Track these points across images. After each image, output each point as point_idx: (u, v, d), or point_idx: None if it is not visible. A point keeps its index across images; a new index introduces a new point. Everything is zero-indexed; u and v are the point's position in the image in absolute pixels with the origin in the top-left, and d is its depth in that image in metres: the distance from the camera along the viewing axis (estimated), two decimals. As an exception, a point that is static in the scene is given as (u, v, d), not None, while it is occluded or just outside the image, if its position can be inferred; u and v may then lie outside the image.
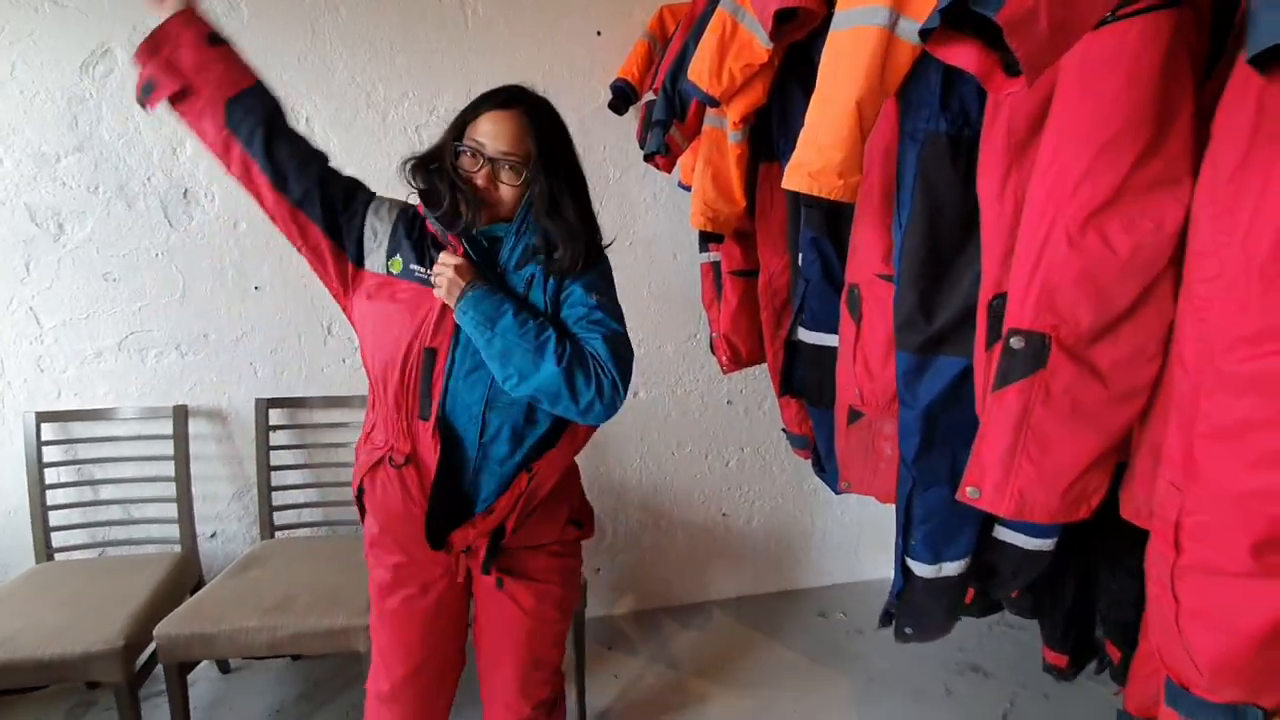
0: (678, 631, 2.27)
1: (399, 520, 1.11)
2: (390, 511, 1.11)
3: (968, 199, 0.97)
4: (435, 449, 1.05)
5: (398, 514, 1.11)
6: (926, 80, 0.93)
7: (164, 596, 1.68)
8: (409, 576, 1.14)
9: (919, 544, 1.10)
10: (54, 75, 1.71)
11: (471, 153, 1.02)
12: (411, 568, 1.14)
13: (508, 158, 1.02)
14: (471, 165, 1.02)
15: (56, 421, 1.83)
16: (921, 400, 1.02)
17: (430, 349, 1.04)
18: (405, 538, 1.12)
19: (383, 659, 1.19)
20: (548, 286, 1.07)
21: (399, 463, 1.08)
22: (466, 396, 1.06)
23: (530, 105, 1.04)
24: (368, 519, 1.18)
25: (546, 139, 1.03)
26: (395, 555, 1.14)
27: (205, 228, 1.84)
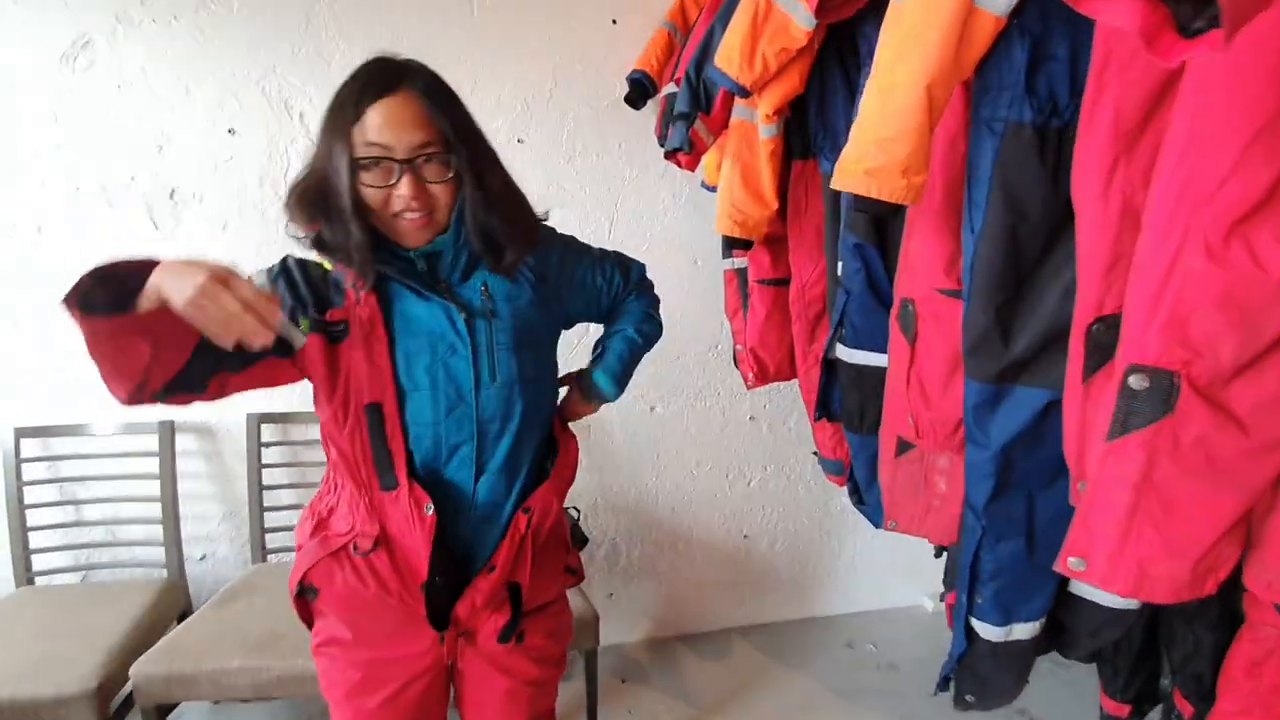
0: (695, 662, 2.12)
1: (371, 614, 0.93)
2: (359, 607, 0.92)
3: (1055, 200, 0.82)
4: (417, 519, 0.88)
5: (369, 608, 0.92)
6: (1009, 59, 0.78)
7: (147, 627, 1.56)
8: (389, 674, 0.94)
9: (987, 603, 0.95)
10: (30, 67, 1.59)
11: (378, 164, 0.79)
12: (391, 665, 0.94)
13: (425, 150, 0.80)
14: (385, 180, 0.80)
15: (37, 437, 1.71)
16: (996, 439, 0.87)
17: (371, 405, 0.87)
18: (380, 633, 0.93)
19: None
20: (515, 294, 0.92)
21: (365, 549, 0.90)
22: (454, 438, 0.90)
23: (416, 76, 0.81)
24: (319, 622, 0.97)
25: (454, 111, 0.83)
26: (368, 652, 0.94)
27: (192, 230, 1.72)
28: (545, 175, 1.87)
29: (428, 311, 0.88)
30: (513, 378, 0.91)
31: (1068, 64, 0.79)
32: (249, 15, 1.66)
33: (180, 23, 1.64)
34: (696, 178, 1.89)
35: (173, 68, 1.65)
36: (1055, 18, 0.78)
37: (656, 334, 1.12)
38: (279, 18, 1.67)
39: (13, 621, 1.55)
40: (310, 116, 1.73)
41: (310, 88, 1.72)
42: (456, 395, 0.89)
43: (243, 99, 1.69)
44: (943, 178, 0.93)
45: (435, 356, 0.88)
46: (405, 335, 0.89)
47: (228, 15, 1.65)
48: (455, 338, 0.89)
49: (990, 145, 0.81)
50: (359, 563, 0.91)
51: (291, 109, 1.72)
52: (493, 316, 0.90)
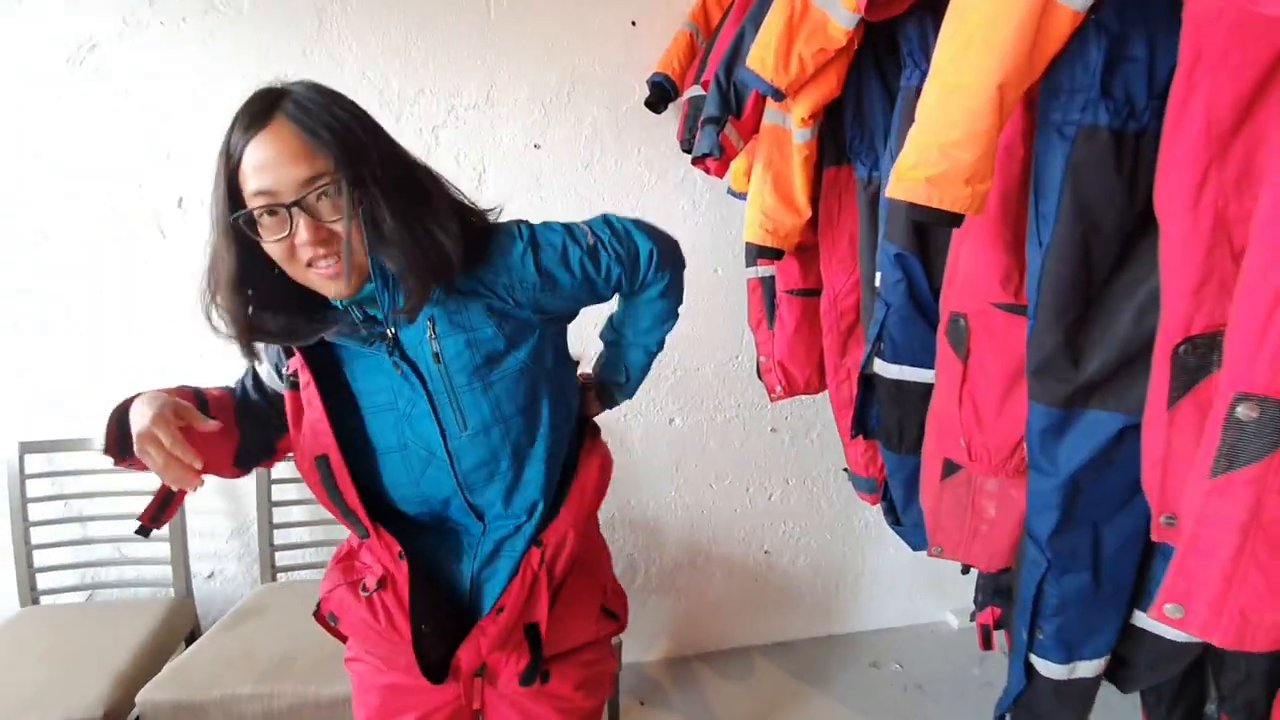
0: (716, 682, 2.06)
1: (388, 647, 0.89)
2: (374, 639, 0.89)
3: (1130, 210, 0.76)
4: (397, 566, 0.83)
5: (385, 640, 0.88)
6: (1084, 58, 0.72)
7: (154, 649, 1.51)
8: (408, 704, 0.90)
9: (1049, 640, 0.89)
10: (34, 71, 1.55)
11: (267, 213, 0.69)
12: (412, 694, 0.90)
13: (314, 187, 0.69)
14: (283, 229, 0.70)
15: (42, 453, 1.67)
16: (1065, 467, 0.81)
17: (320, 457, 0.80)
18: (401, 663, 0.89)
19: None
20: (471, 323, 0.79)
21: (371, 588, 0.86)
22: (439, 493, 0.84)
23: (287, 98, 0.71)
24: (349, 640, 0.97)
25: (336, 130, 0.70)
26: (389, 677, 0.91)
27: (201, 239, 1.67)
28: (562, 182, 1.82)
29: (376, 365, 0.81)
30: (487, 420, 0.80)
31: (1145, 64, 0.73)
32: (259, 17, 1.61)
33: (189, 25, 1.59)
34: (716, 184, 1.83)
35: (181, 72, 1.60)
36: (1133, 14, 0.72)
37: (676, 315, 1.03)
38: (290, 20, 1.63)
39: (17, 644, 1.50)
40: (322, 122, 1.68)
41: (322, 92, 1.67)
42: (428, 453, 0.82)
43: (253, 104, 1.64)
44: (999, 187, 0.88)
45: (398, 414, 0.82)
46: (364, 394, 0.82)
47: (237, 17, 1.61)
48: (410, 391, 0.80)
49: (1061, 151, 0.75)
50: (375, 601, 0.86)
51: (303, 114, 1.67)
52: (439, 360, 0.79)
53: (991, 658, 2.13)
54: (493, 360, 0.80)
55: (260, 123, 0.69)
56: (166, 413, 0.68)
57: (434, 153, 1.74)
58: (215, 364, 1.67)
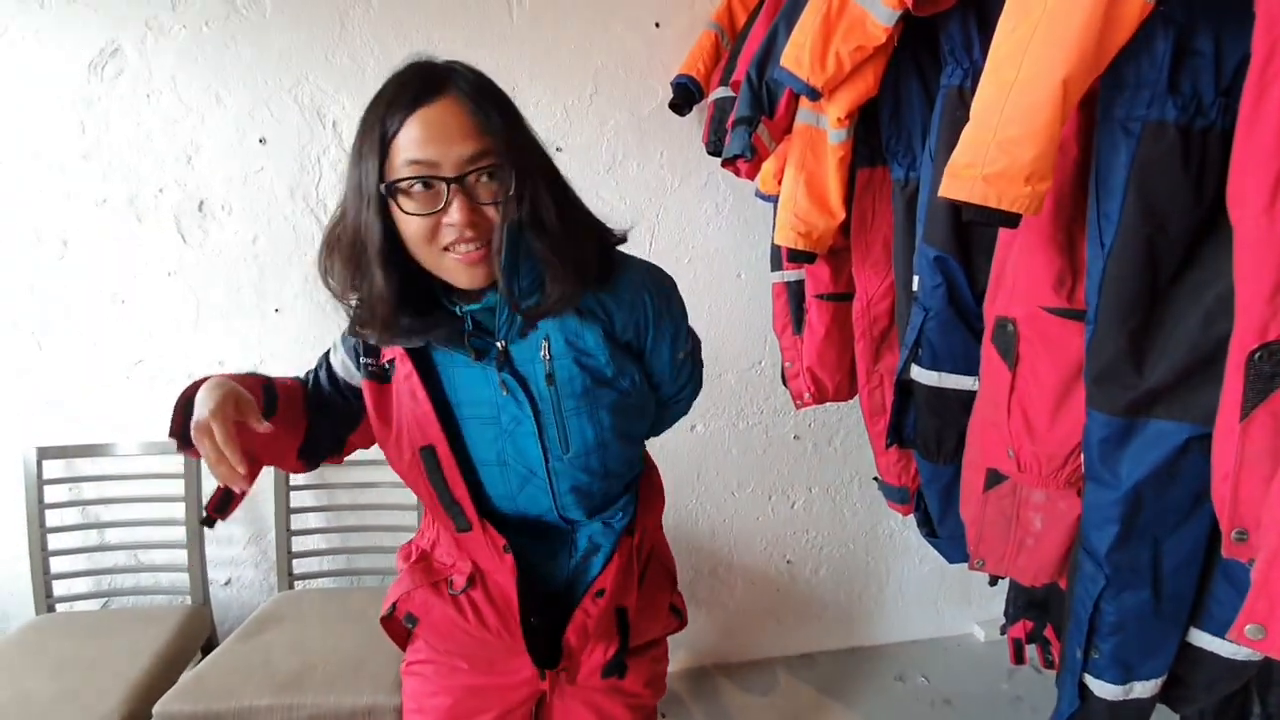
0: (737, 694, 2.02)
1: (472, 645, 0.89)
2: (458, 638, 0.88)
3: (1197, 210, 0.73)
4: (498, 558, 0.82)
5: (470, 639, 0.87)
6: (1150, 52, 0.69)
7: (171, 659, 1.49)
8: (484, 704, 0.90)
9: (1105, 659, 0.85)
10: (59, 76, 1.55)
11: (424, 186, 0.67)
12: (488, 693, 0.90)
13: (478, 165, 0.67)
14: (431, 204, 0.67)
15: (59, 458, 1.65)
16: (1127, 479, 0.77)
17: (426, 448, 0.80)
18: (481, 662, 0.90)
19: None
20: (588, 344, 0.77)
21: (460, 587, 0.85)
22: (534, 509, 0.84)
23: (461, 78, 0.68)
24: (415, 643, 0.95)
25: (509, 117, 0.70)
26: (465, 679, 0.91)
27: (222, 245, 1.66)
28: (584, 184, 1.73)
29: (480, 378, 0.78)
30: (590, 445, 0.80)
31: (1213, 59, 0.70)
32: (281, 21, 1.60)
33: (211, 29, 1.58)
34: (740, 188, 1.81)
35: (203, 76, 1.59)
36: (1201, 6, 0.69)
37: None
38: (313, 23, 1.61)
39: (33, 653, 1.48)
40: (344, 125, 1.67)
41: (344, 96, 1.65)
42: (528, 471, 0.81)
43: (274, 108, 1.63)
44: (1055, 184, 0.84)
45: (500, 429, 0.80)
46: (464, 405, 0.80)
47: (260, 21, 1.60)
48: (516, 409, 0.78)
49: (1126, 149, 0.72)
50: (463, 600, 0.86)
51: (324, 118, 1.66)
52: (552, 382, 0.77)
53: (1020, 672, 2.08)
54: (601, 385, 0.79)
55: (430, 96, 0.66)
56: (227, 406, 0.65)
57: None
58: (236, 363, 1.67)
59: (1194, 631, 0.90)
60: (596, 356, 0.78)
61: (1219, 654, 0.89)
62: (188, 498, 1.66)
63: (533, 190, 0.68)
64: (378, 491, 1.71)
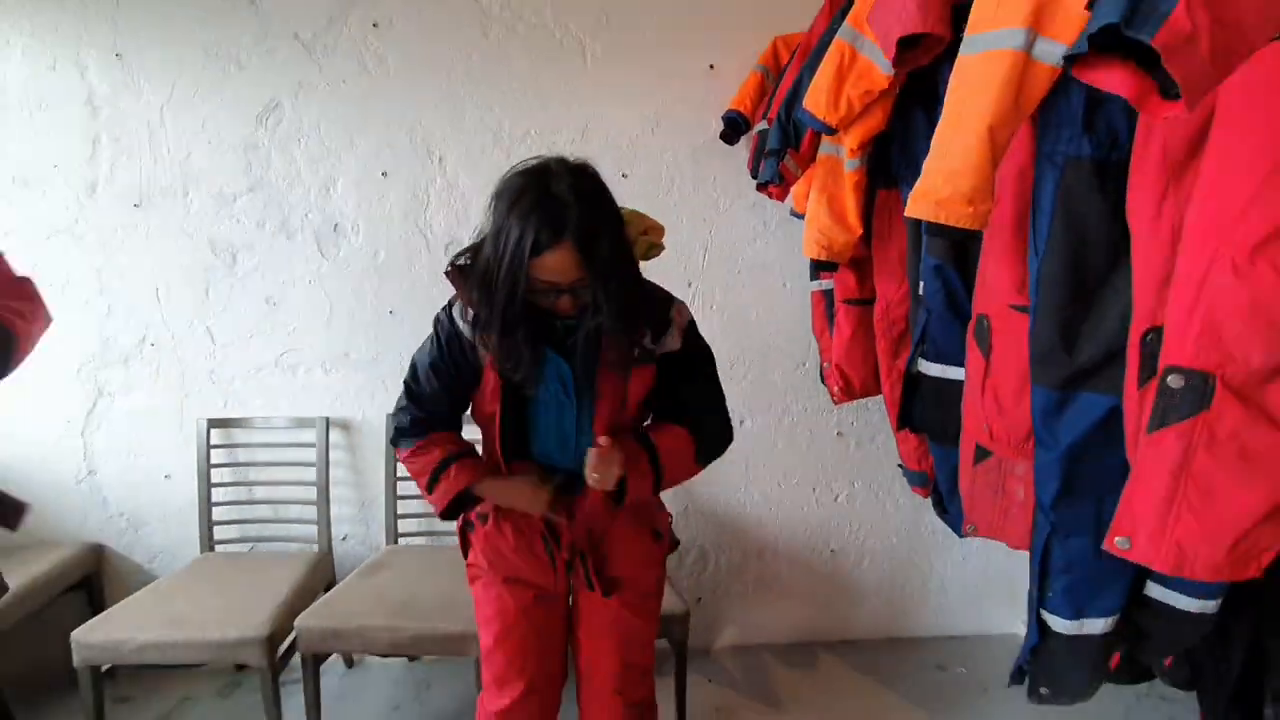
0: (780, 670, 2.19)
1: (509, 551, 1.24)
2: (498, 546, 1.24)
3: (1114, 226, 0.90)
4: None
5: (507, 547, 1.24)
6: (1068, 101, 0.88)
7: (303, 592, 1.84)
8: (524, 592, 1.24)
9: (1057, 597, 1.01)
10: (234, 126, 1.97)
11: (548, 290, 1.07)
12: (526, 585, 1.24)
13: (577, 283, 1.06)
14: (551, 299, 1.09)
15: (222, 428, 2.06)
16: (1063, 441, 0.95)
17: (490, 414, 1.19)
18: (519, 565, 1.24)
19: (497, 680, 1.25)
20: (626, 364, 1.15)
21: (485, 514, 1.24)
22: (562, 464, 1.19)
23: (576, 230, 1.03)
24: (471, 554, 1.29)
25: (599, 252, 1.05)
26: (506, 572, 1.25)
27: (350, 258, 2.03)
28: (646, 206, 2.04)
29: (553, 369, 1.14)
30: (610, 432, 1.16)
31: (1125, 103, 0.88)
32: (401, 78, 1.97)
33: (347, 86, 1.97)
34: (785, 207, 2.02)
35: (341, 122, 1.98)
36: (1112, 63, 0.88)
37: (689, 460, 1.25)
38: (426, 76, 1.98)
39: (201, 579, 1.87)
40: (448, 161, 2.01)
41: (448, 134, 2.00)
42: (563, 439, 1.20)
43: (395, 146, 2.00)
44: (1013, 205, 1.03)
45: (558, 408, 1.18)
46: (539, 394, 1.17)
47: (384, 77, 1.97)
48: (565, 398, 1.16)
49: (1052, 177, 0.91)
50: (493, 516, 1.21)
51: (433, 154, 2.01)
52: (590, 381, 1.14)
53: (1059, 669, 2.14)
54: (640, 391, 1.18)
55: (554, 241, 1.02)
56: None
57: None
58: (359, 363, 2.02)
59: (1150, 585, 1.05)
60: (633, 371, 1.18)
61: (1174, 606, 1.03)
62: (318, 465, 2.03)
63: (603, 288, 1.07)
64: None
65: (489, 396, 1.18)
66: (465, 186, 2.03)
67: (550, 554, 1.23)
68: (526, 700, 1.24)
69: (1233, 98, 0.70)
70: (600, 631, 1.26)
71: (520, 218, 1.02)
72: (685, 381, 1.21)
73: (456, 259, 1.14)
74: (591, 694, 1.30)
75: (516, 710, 1.24)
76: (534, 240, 1.01)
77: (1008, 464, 1.17)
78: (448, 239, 2.03)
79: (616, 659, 1.26)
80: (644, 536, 1.28)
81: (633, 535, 1.27)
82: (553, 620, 1.27)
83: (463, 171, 2.02)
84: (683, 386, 1.21)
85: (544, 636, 1.25)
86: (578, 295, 1.08)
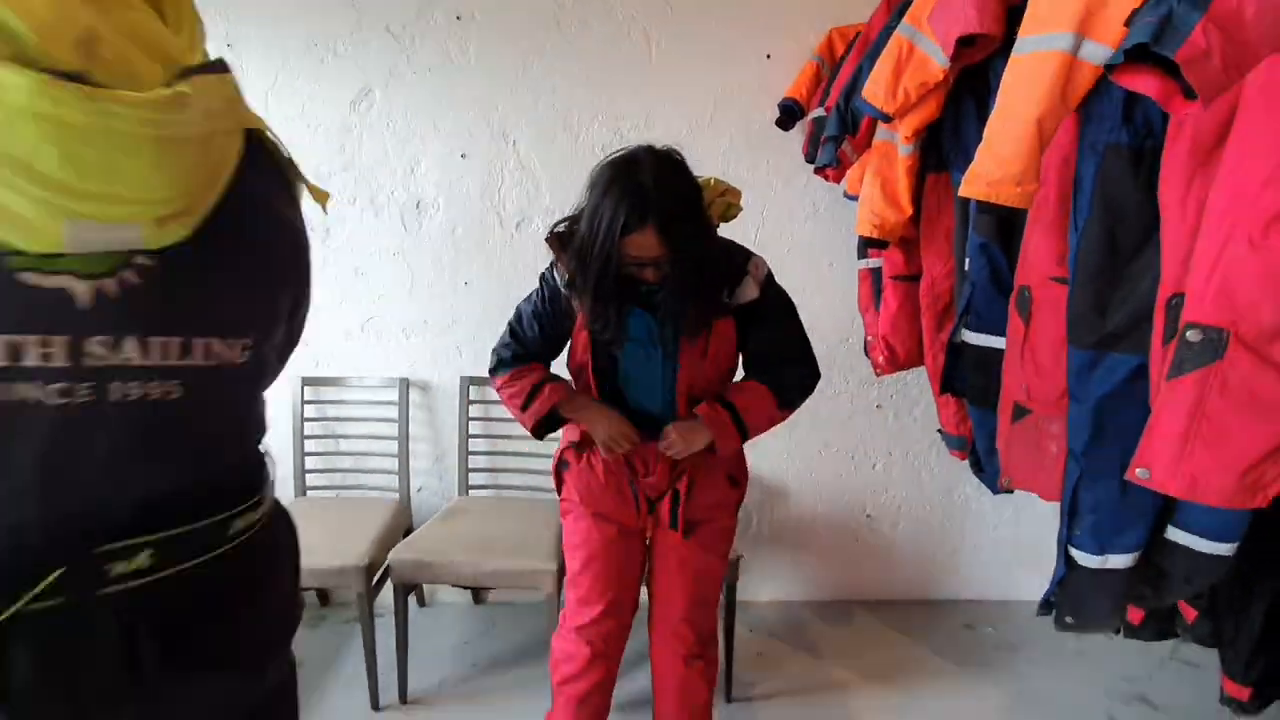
0: (818, 624, 2.35)
1: (597, 488, 1.41)
2: (588, 483, 1.41)
3: (1146, 208, 1.02)
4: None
5: (596, 483, 1.40)
6: (1109, 95, 1.00)
7: (387, 533, 2.03)
8: (609, 525, 1.42)
9: (1084, 534, 1.15)
10: (329, 110, 2.15)
11: (636, 263, 1.24)
12: (610, 521, 1.42)
13: (659, 259, 1.23)
14: (639, 271, 1.26)
15: (314, 386, 2.27)
16: (1093, 395, 1.08)
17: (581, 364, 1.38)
18: (605, 502, 1.41)
19: (581, 600, 1.43)
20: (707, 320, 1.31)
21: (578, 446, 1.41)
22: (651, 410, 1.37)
23: (657, 215, 1.18)
24: (566, 488, 1.46)
25: (678, 232, 1.20)
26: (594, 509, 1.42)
27: (431, 232, 2.22)
28: None
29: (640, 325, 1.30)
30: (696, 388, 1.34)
31: (1161, 98, 1.00)
32: (481, 65, 2.14)
33: (433, 74, 2.14)
34: (832, 191, 2.15)
35: (426, 108, 2.15)
36: (1150, 62, 1.00)
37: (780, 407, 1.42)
38: (502, 67, 2.14)
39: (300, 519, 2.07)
40: (521, 144, 2.18)
41: (522, 120, 2.16)
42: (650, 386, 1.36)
43: (473, 130, 2.17)
44: (1057, 187, 1.15)
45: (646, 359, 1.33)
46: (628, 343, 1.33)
47: (466, 66, 2.14)
48: (651, 349, 1.32)
49: (1093, 162, 1.03)
50: (597, 451, 1.37)
51: (508, 138, 2.17)
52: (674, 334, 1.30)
53: (1086, 633, 2.27)
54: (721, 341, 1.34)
55: (639, 225, 1.19)
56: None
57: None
58: (436, 329, 2.21)
59: (1170, 529, 1.18)
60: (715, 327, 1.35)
61: (1192, 548, 1.16)
62: (399, 422, 2.23)
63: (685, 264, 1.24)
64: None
65: (580, 349, 1.36)
66: (536, 168, 2.19)
67: (635, 495, 1.39)
68: (603, 620, 1.42)
69: (1253, 97, 0.82)
70: (676, 567, 1.43)
71: (611, 203, 1.19)
72: (765, 330, 1.37)
73: (555, 227, 1.31)
74: (663, 622, 1.47)
75: (594, 627, 1.42)
76: (623, 223, 1.18)
77: (1044, 421, 1.30)
78: (519, 216, 2.20)
79: (689, 593, 1.43)
80: (722, 482, 1.43)
81: (712, 481, 1.42)
82: (632, 554, 1.44)
83: (535, 154, 2.18)
84: (764, 335, 1.37)
85: (623, 567, 1.43)
86: (660, 267, 1.25)
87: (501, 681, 2.01)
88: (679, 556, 1.43)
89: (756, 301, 1.34)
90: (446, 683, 2.01)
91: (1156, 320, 0.98)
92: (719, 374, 1.39)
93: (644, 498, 1.40)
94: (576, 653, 1.44)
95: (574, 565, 1.44)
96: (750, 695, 1.99)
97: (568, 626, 1.45)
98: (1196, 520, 1.12)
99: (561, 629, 1.48)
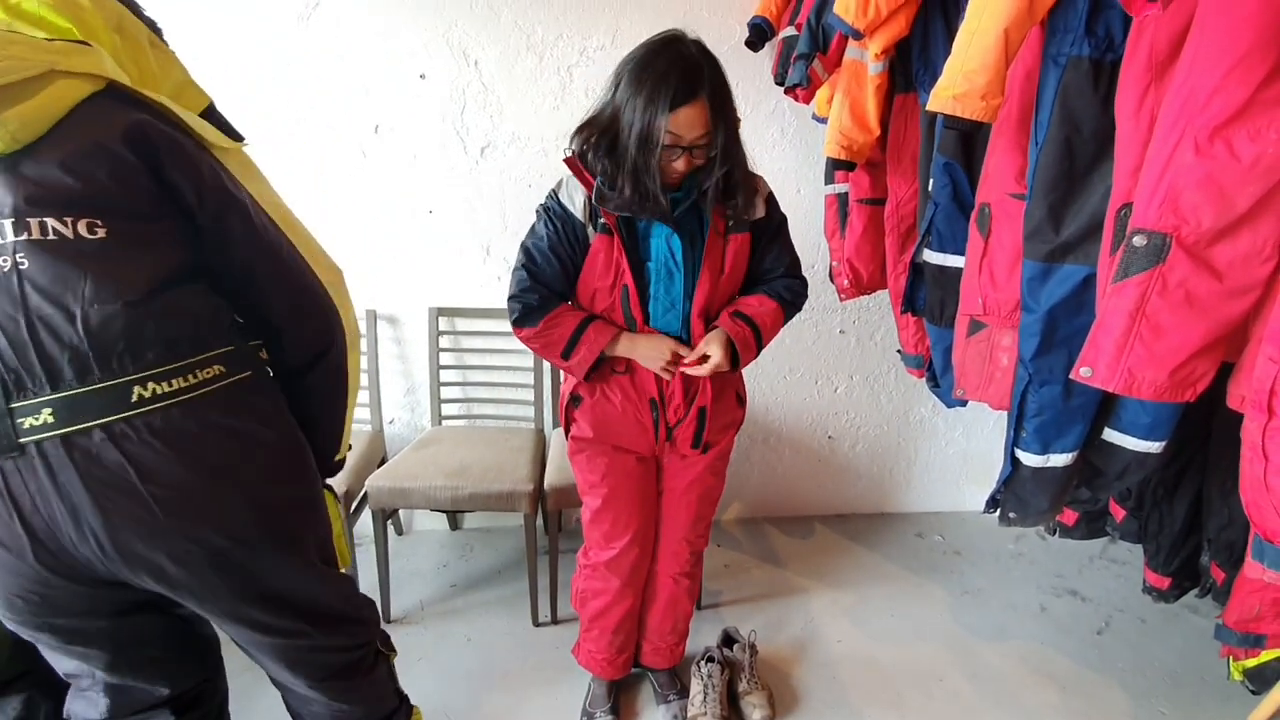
0: (781, 538, 2.49)
1: (614, 421, 1.37)
2: (606, 414, 1.37)
3: (1104, 121, 1.06)
4: None
5: (613, 415, 1.37)
6: (1074, 6, 1.02)
7: (363, 462, 2.05)
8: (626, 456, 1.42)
9: (1029, 436, 1.24)
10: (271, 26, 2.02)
11: (673, 148, 1.15)
12: (627, 453, 1.42)
13: (700, 141, 1.16)
14: (670, 155, 1.16)
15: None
16: (1044, 304, 1.14)
17: (625, 286, 1.28)
18: (621, 434, 1.39)
19: (605, 536, 1.47)
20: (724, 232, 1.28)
21: (620, 369, 1.34)
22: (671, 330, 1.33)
23: (708, 83, 1.13)
24: (574, 428, 1.41)
25: (725, 109, 1.15)
26: (611, 441, 1.40)
27: (390, 158, 2.14)
28: None
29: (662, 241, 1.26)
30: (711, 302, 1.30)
31: (1122, 10, 1.03)
32: (438, -24, 2.02)
33: (385, -15, 2.02)
34: (801, 115, 2.14)
35: (379, 25, 2.04)
36: (1112, -27, 1.02)
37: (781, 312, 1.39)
38: (461, -22, 2.03)
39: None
40: (484, 64, 2.09)
41: (484, 38, 2.07)
42: (672, 303, 1.31)
43: (431, 49, 2.07)
44: (1019, 104, 1.19)
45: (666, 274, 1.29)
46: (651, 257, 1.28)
47: (420, -23, 2.02)
48: (673, 266, 1.27)
49: (1054, 75, 1.06)
50: (612, 382, 1.34)
51: (469, 57, 2.08)
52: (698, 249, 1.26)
53: (1027, 537, 2.46)
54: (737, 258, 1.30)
55: (689, 98, 1.12)
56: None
57: (569, 88, 2.12)
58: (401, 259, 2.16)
59: (1107, 430, 1.28)
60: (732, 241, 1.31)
61: (1124, 446, 1.26)
62: (368, 354, 2.20)
63: (723, 147, 1.18)
64: (500, 356, 2.21)
65: (600, 270, 1.27)
66: (502, 91, 2.11)
67: (655, 420, 1.36)
68: (629, 550, 1.47)
69: (1208, 6, 0.85)
70: (682, 488, 1.47)
71: (658, 77, 1.12)
72: (772, 246, 1.36)
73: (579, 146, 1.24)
74: (665, 541, 1.53)
75: (622, 558, 1.47)
76: (673, 95, 1.11)
77: (996, 335, 1.38)
78: (484, 141, 2.14)
79: (692, 512, 1.49)
80: (733, 402, 1.43)
81: (726, 402, 1.41)
82: (648, 479, 1.46)
83: (499, 76, 2.10)
84: (770, 251, 1.36)
85: (643, 494, 1.45)
86: (695, 155, 1.18)
87: (480, 599, 2.09)
88: (687, 478, 1.45)
89: (765, 219, 1.32)
90: (427, 603, 2.08)
91: (1106, 230, 1.04)
92: (733, 292, 1.36)
93: (664, 424, 1.37)
94: (605, 587, 1.50)
95: (594, 502, 1.45)
96: (718, 603, 2.11)
97: (593, 563, 1.50)
98: (1131, 421, 1.22)
99: (585, 566, 1.53)
